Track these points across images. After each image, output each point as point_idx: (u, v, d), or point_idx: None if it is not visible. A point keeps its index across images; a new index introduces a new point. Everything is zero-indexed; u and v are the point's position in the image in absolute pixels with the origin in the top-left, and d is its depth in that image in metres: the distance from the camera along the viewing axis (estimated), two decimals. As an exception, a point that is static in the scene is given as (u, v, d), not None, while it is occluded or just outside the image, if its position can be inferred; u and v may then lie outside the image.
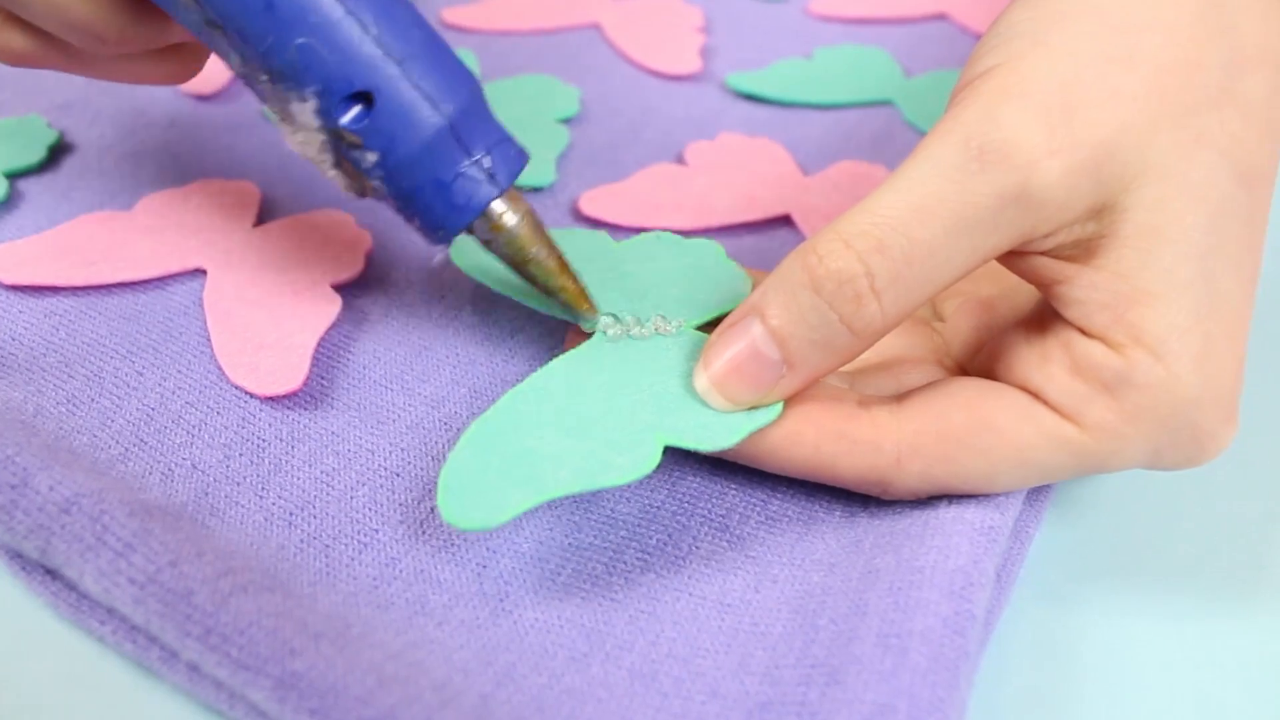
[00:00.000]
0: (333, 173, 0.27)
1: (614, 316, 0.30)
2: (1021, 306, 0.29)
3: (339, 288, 0.34)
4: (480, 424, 0.26)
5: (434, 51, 0.26)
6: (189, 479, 0.29)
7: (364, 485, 0.29)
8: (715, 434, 0.26)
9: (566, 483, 0.25)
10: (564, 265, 0.29)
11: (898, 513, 0.28)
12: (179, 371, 0.32)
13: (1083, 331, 0.26)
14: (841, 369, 0.29)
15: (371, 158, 0.26)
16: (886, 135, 0.46)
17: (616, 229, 0.39)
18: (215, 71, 0.45)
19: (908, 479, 0.27)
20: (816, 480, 0.28)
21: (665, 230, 0.34)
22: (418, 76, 0.26)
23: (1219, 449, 0.26)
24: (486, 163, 0.27)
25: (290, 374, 0.31)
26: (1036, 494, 0.30)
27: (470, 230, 0.28)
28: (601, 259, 0.32)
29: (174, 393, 0.31)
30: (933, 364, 0.30)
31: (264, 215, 0.38)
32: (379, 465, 0.29)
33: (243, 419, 0.30)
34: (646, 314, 0.30)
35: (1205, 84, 0.25)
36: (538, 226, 0.28)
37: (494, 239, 0.28)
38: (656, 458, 0.26)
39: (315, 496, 0.28)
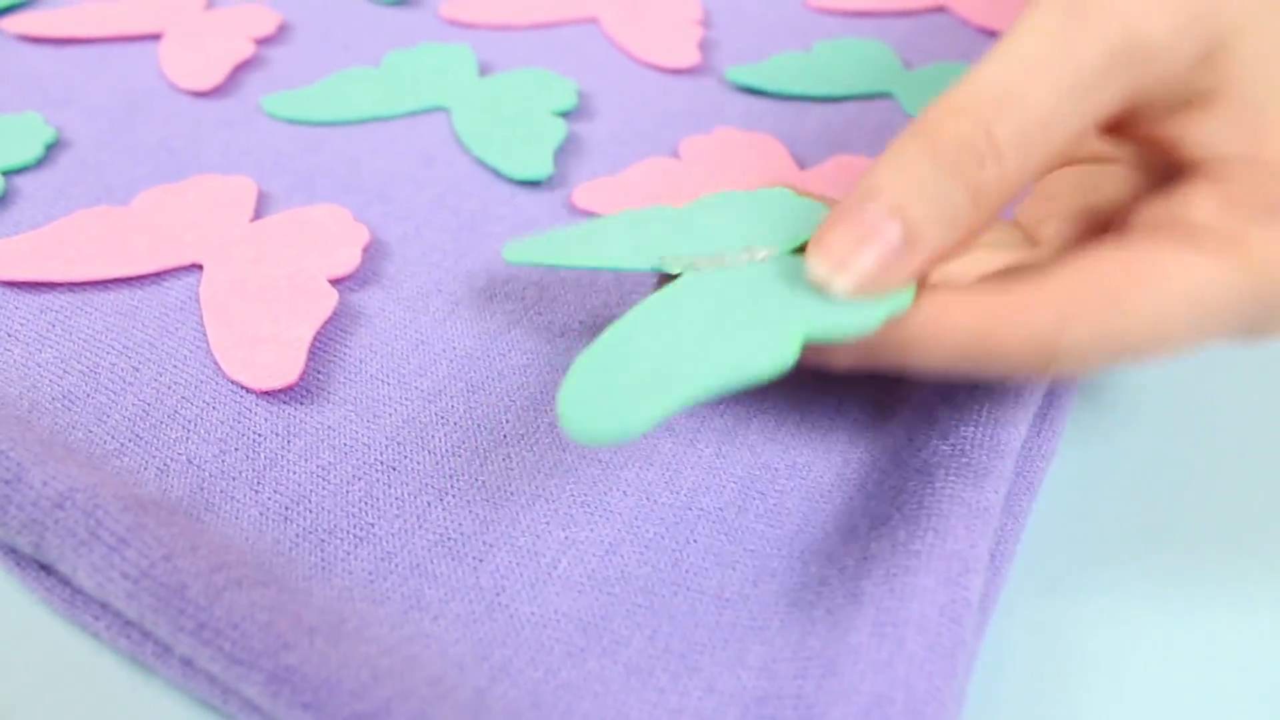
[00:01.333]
0: None
1: (702, 255, 0.28)
2: (1127, 209, 0.27)
3: (336, 282, 0.34)
4: (598, 344, 0.25)
5: None
6: (184, 474, 0.29)
7: (360, 479, 0.29)
8: (852, 321, 0.24)
9: (703, 385, 0.23)
10: None
11: (894, 489, 0.28)
12: (175, 366, 0.31)
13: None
14: None
15: None
16: (887, 127, 0.46)
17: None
18: (213, 67, 0.45)
19: (1078, 338, 0.24)
20: (972, 367, 0.25)
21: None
22: None
23: None
24: None
25: (286, 368, 0.30)
26: (1028, 471, 0.30)
27: None
28: (667, 221, 0.30)
29: (170, 388, 0.31)
30: None
31: (261, 210, 0.38)
32: (375, 459, 0.29)
33: (239, 414, 0.30)
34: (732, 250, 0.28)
35: None
36: None
37: None
38: (795, 350, 0.24)
39: (311, 491, 0.28)
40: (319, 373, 0.32)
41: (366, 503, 0.28)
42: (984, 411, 0.29)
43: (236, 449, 0.29)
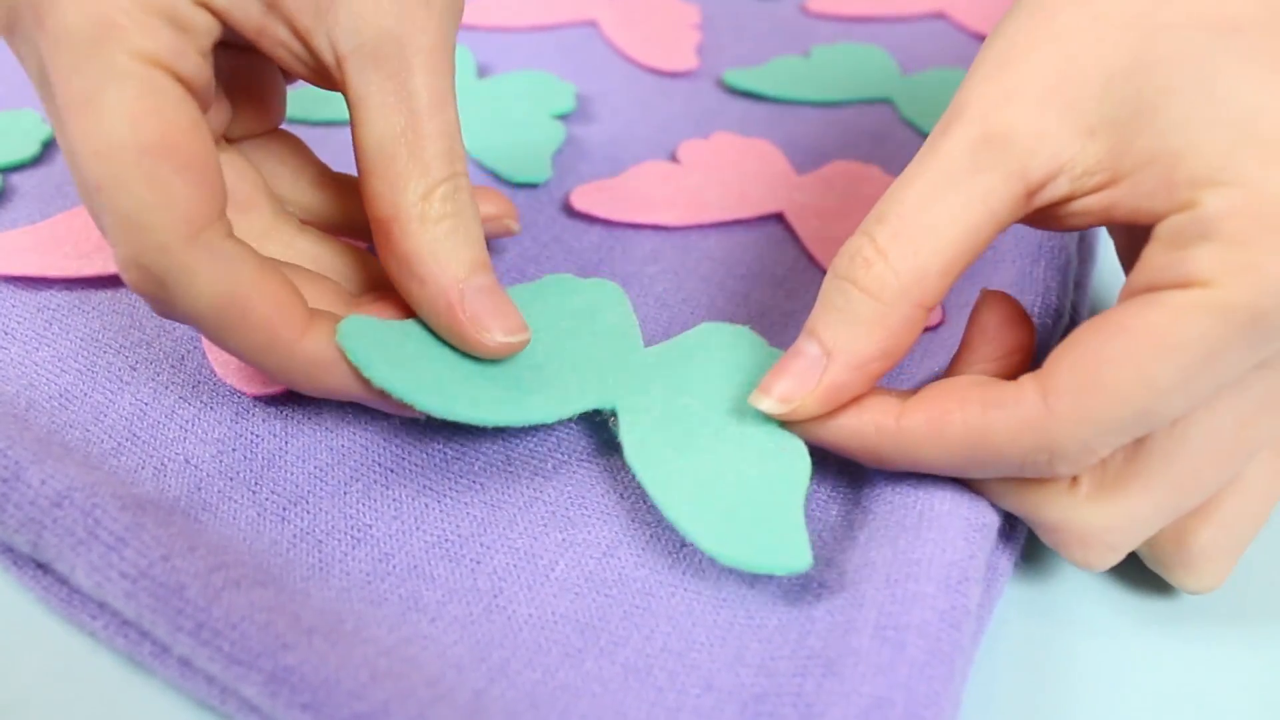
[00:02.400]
0: None
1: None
2: None
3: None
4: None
5: None
6: (182, 474, 0.28)
7: (358, 481, 0.29)
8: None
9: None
10: None
11: (893, 505, 0.28)
12: (172, 366, 0.31)
13: (1149, 229, 0.25)
14: None
15: None
16: (883, 133, 0.46)
17: (607, 224, 0.39)
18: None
19: (1065, 423, 0.24)
20: (971, 469, 0.26)
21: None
22: None
23: None
24: None
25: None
26: None
27: None
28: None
29: (167, 387, 0.31)
30: None
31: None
32: (373, 461, 0.29)
33: (236, 414, 0.30)
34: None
35: None
36: None
37: None
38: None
39: (309, 492, 0.28)
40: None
41: (364, 504, 0.28)
42: None
43: (234, 449, 0.29)
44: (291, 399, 0.31)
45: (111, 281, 0.34)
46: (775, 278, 0.37)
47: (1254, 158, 0.23)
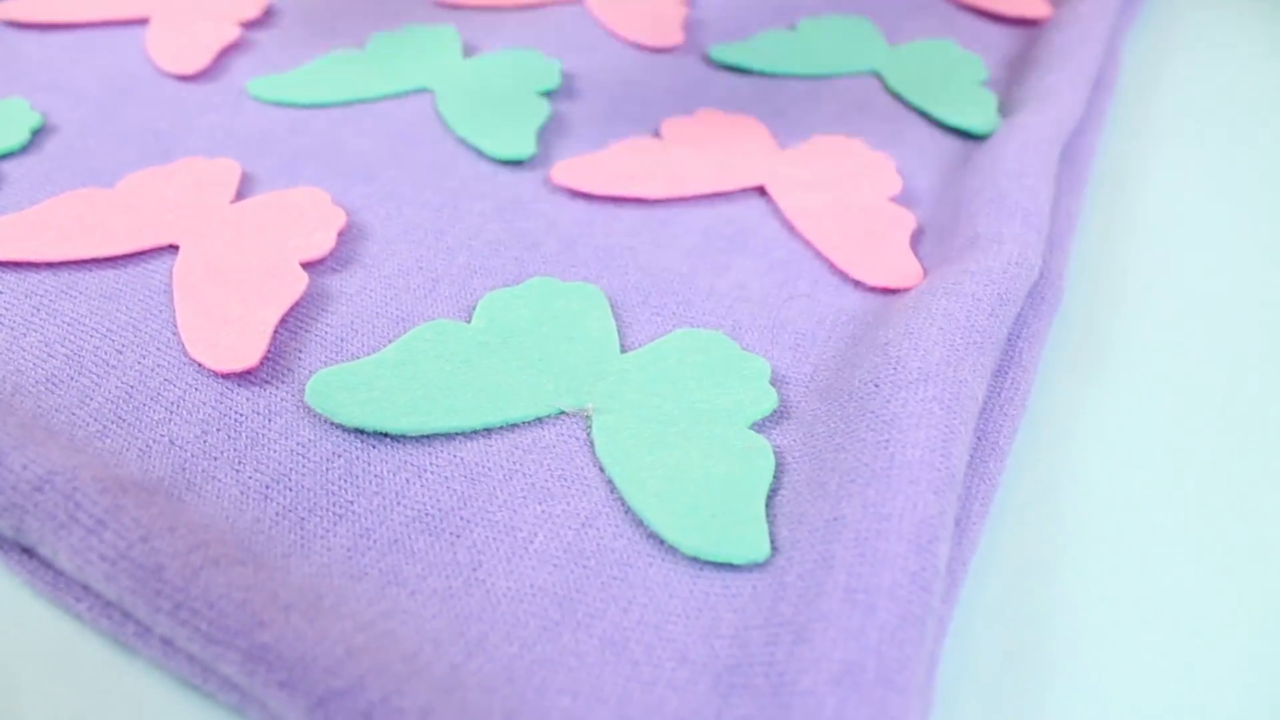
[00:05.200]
0: None
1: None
2: None
3: (312, 265, 0.34)
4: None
5: None
6: (166, 455, 0.29)
7: (340, 456, 0.29)
8: None
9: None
10: None
11: (864, 445, 0.28)
12: (158, 349, 0.32)
13: None
14: None
15: None
16: (868, 104, 0.46)
17: (589, 198, 0.39)
18: (198, 51, 0.45)
19: None
20: None
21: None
22: None
23: None
24: None
25: (248, 350, 0.31)
26: (992, 432, 0.31)
27: None
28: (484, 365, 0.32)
29: (153, 370, 0.31)
30: None
31: (244, 192, 0.38)
32: (354, 436, 0.30)
33: (221, 394, 0.30)
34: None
35: None
36: None
37: None
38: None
39: (291, 469, 0.29)
40: (300, 351, 0.32)
41: (346, 480, 0.28)
42: (948, 366, 0.30)
43: (219, 429, 0.30)
44: (276, 376, 0.31)
45: (97, 265, 0.34)
46: (756, 249, 0.37)
47: None
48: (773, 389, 0.31)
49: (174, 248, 0.35)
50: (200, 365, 0.31)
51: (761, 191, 0.40)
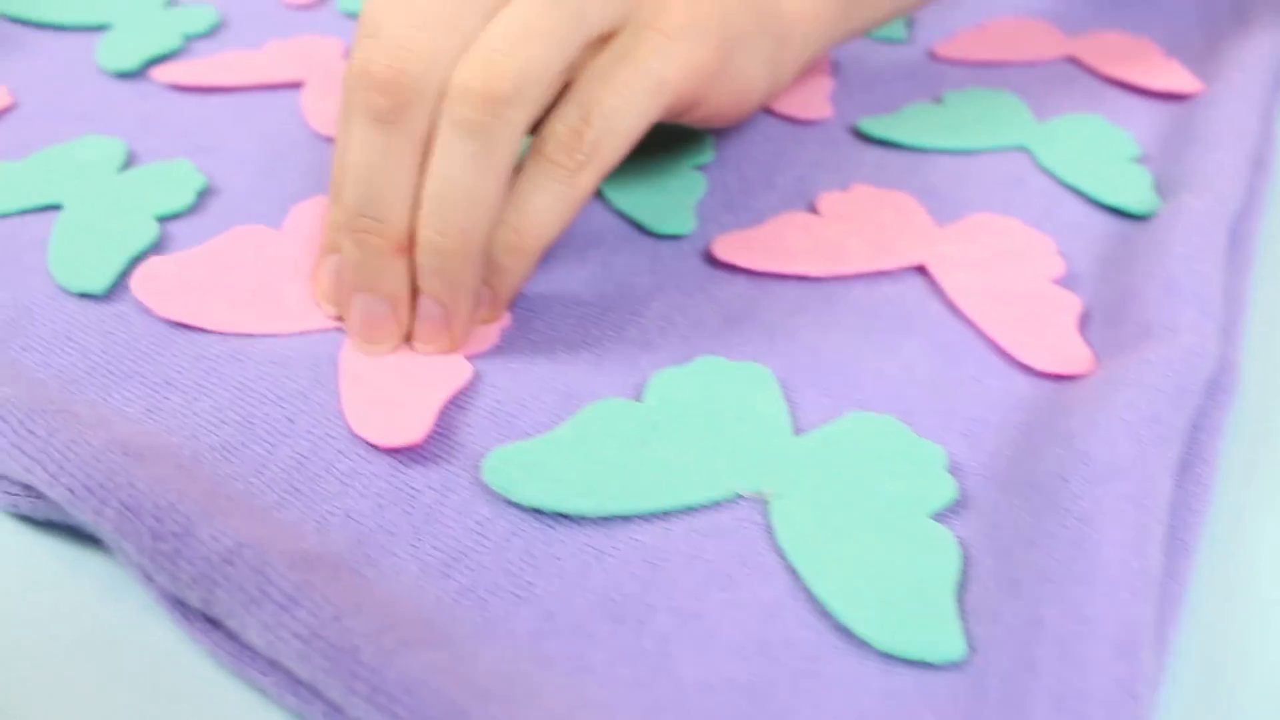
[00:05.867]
0: None
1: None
2: None
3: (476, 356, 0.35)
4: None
5: None
6: (343, 529, 0.29)
7: (518, 536, 0.29)
8: None
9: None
10: None
11: (1057, 542, 0.27)
12: (328, 419, 0.32)
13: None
14: None
15: None
16: (1020, 180, 0.45)
17: (750, 274, 0.39)
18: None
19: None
20: None
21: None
22: None
23: None
24: None
25: (414, 427, 0.31)
26: (1181, 541, 0.30)
27: None
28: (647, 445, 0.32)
29: (324, 440, 0.31)
30: None
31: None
32: (532, 515, 0.29)
33: (393, 468, 0.30)
34: None
35: None
36: None
37: None
38: None
39: (470, 547, 0.28)
40: (469, 425, 0.32)
41: (526, 560, 0.28)
42: (1137, 461, 0.29)
43: (393, 504, 0.29)
44: (449, 451, 0.31)
45: (265, 333, 0.34)
46: (921, 330, 0.37)
47: None
48: (951, 478, 0.31)
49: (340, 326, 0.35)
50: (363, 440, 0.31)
51: (922, 270, 0.40)
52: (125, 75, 0.50)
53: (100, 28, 0.54)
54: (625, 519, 0.29)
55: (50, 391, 0.32)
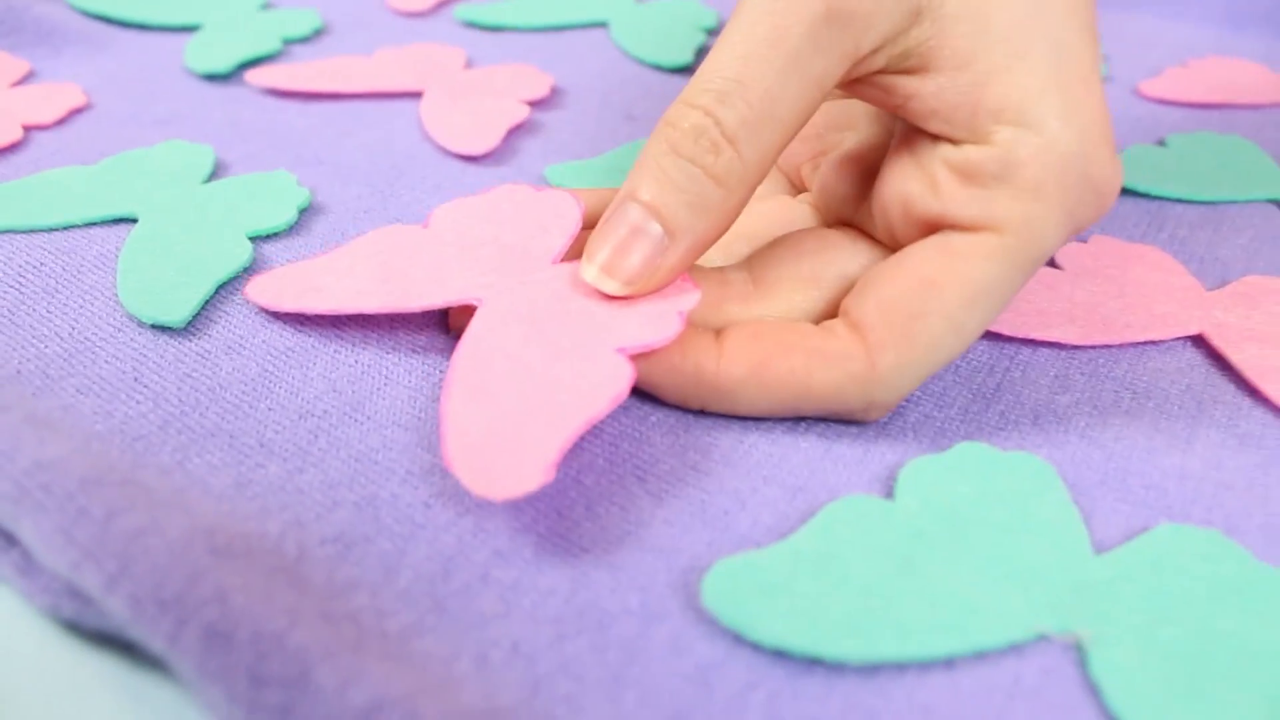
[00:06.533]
0: None
1: None
2: (879, 142, 0.30)
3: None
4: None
5: None
6: (511, 668, 0.21)
7: (758, 689, 0.20)
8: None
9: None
10: None
11: None
12: (479, 508, 0.24)
13: (951, 140, 0.26)
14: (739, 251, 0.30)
15: None
16: (1276, 239, 0.37)
17: (996, 339, 0.31)
18: (485, 129, 0.38)
19: (887, 375, 0.26)
20: (793, 411, 0.27)
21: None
22: None
23: (1114, 190, 0.26)
24: None
25: (528, 469, 0.22)
26: None
27: None
28: None
29: (475, 535, 0.23)
30: (821, 227, 0.30)
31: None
32: (774, 658, 0.21)
33: (574, 580, 0.22)
34: None
35: None
36: None
37: None
38: None
39: (690, 703, 0.20)
40: (669, 522, 0.24)
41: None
42: None
43: (579, 633, 0.21)
44: (646, 557, 0.23)
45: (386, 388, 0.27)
46: (1217, 418, 0.29)
47: (1055, 108, 0.25)
48: None
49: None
50: (540, 538, 0.23)
51: (1198, 341, 0.31)
52: (215, 78, 0.43)
53: (189, 28, 0.47)
54: (899, 667, 0.21)
55: (111, 452, 0.24)
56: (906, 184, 0.27)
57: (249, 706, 0.18)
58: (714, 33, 0.49)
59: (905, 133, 0.28)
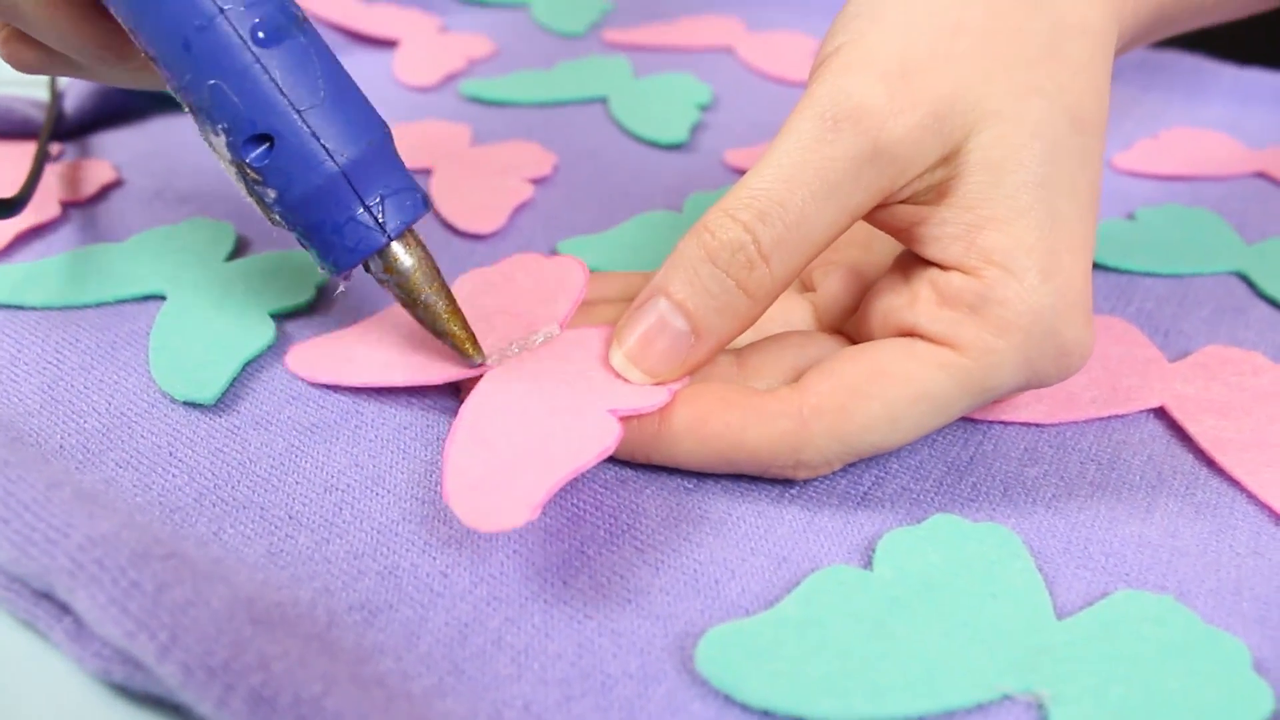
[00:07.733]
0: (248, 199, 0.28)
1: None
2: (884, 265, 0.32)
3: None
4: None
5: (339, 103, 0.27)
6: (525, 726, 0.23)
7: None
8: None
9: None
10: (454, 310, 0.29)
11: None
12: (492, 576, 0.26)
13: (941, 266, 0.28)
14: (738, 343, 0.31)
15: (271, 193, 0.27)
16: (1241, 310, 0.39)
17: (971, 420, 0.33)
18: (491, 210, 0.40)
19: (817, 439, 0.27)
20: (727, 465, 0.28)
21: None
22: (317, 124, 0.27)
23: (1082, 356, 0.28)
24: (379, 209, 0.28)
25: (516, 504, 0.25)
26: None
27: (368, 268, 0.29)
28: None
29: (490, 604, 0.25)
30: (814, 330, 0.33)
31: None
32: (760, 717, 0.23)
33: (580, 642, 0.24)
34: None
35: (1031, 45, 0.28)
36: (432, 271, 0.29)
37: (388, 280, 0.29)
38: None
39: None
40: (666, 593, 0.26)
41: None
42: None
43: (584, 694, 0.23)
44: (645, 623, 0.25)
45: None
46: (1175, 488, 0.31)
47: (1039, 265, 0.27)
48: (1263, 681, 0.24)
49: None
50: (548, 605, 0.25)
51: (1160, 413, 0.34)
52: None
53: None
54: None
55: (154, 525, 0.27)
56: (892, 298, 0.29)
57: (292, 765, 0.20)
58: (707, 109, 0.51)
59: (903, 258, 0.30)
